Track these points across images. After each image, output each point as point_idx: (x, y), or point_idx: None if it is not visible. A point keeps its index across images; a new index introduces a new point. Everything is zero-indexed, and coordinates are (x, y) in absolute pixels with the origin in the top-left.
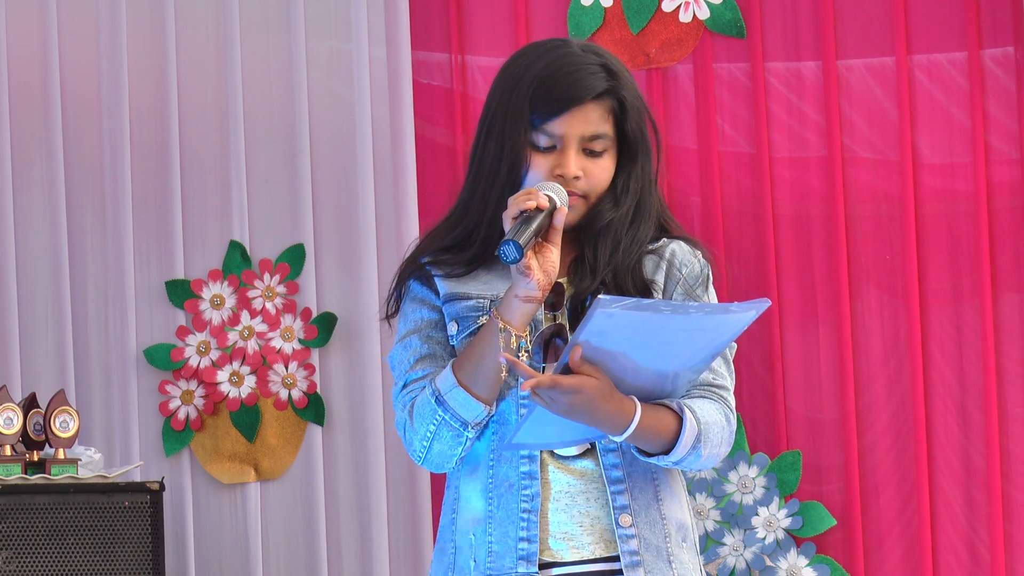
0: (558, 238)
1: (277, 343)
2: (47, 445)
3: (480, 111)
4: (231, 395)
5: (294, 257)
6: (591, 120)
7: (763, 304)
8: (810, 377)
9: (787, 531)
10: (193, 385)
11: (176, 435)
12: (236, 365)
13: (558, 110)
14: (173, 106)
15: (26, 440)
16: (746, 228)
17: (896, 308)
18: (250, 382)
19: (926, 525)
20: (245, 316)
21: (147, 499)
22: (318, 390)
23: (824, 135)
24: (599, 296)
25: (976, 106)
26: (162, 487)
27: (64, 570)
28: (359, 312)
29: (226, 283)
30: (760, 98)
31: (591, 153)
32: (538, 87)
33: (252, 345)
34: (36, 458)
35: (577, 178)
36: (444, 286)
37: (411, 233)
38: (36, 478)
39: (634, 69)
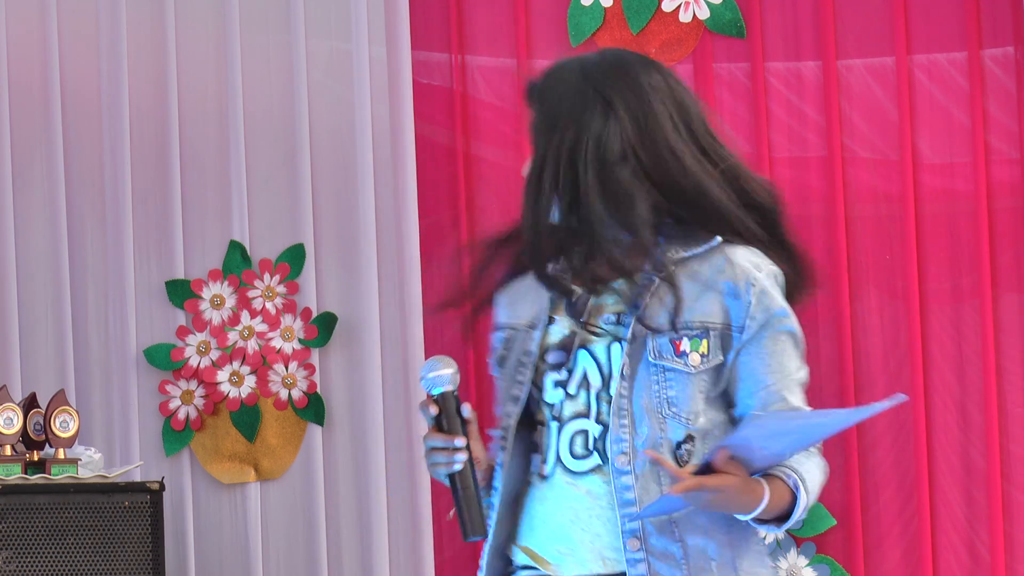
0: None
1: (277, 343)
2: (47, 445)
3: (481, 111)
4: (231, 395)
5: (294, 257)
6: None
7: (900, 398)
8: (810, 377)
9: (787, 531)
10: (193, 385)
11: (176, 435)
12: (236, 365)
13: None
14: (173, 106)
15: (26, 440)
16: None
17: (896, 308)
18: (250, 382)
19: (926, 525)
20: (245, 316)
21: (147, 499)
22: (318, 390)
23: (824, 135)
24: (754, 412)
25: (976, 106)
26: (162, 487)
27: (64, 570)
28: (359, 312)
29: (226, 283)
30: (760, 98)
31: None
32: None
33: (252, 345)
34: (36, 458)
35: None
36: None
37: (411, 233)
38: (36, 478)
39: None
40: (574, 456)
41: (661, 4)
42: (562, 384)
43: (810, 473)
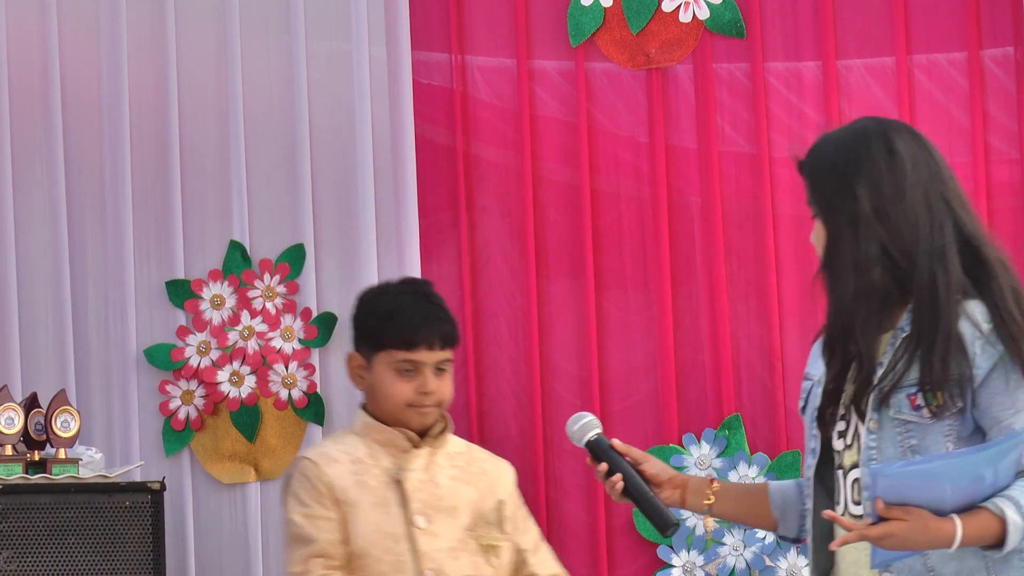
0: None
1: (277, 343)
2: (48, 445)
3: (481, 111)
4: (231, 395)
5: (294, 257)
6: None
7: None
8: None
9: None
10: (193, 385)
11: (176, 435)
12: (236, 365)
13: None
14: (173, 106)
15: (27, 440)
16: (746, 228)
17: None
18: (250, 382)
19: None
20: (245, 316)
21: (148, 499)
22: (318, 390)
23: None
24: (873, 467)
25: (976, 106)
26: (163, 487)
27: (65, 569)
28: None
29: (226, 283)
30: (760, 98)
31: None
32: None
33: (252, 345)
34: (37, 458)
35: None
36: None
37: (411, 233)
38: (37, 478)
39: (634, 69)
40: (854, 502)
41: (661, 4)
42: (843, 435)
43: (1021, 497)
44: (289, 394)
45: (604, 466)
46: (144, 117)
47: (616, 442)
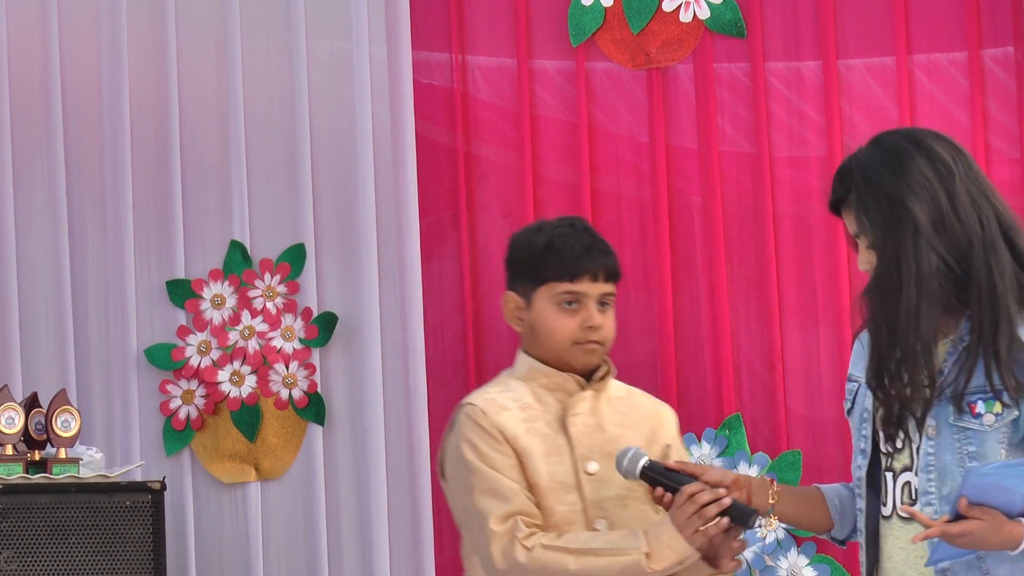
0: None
1: (278, 343)
2: (48, 444)
3: (481, 110)
4: (232, 395)
5: (295, 257)
6: (851, 223)
7: None
8: (810, 377)
9: (787, 531)
10: (194, 385)
11: (177, 435)
12: (237, 365)
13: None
14: (173, 106)
15: (27, 440)
16: (746, 228)
17: None
18: (251, 382)
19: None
20: (246, 316)
21: (148, 498)
22: (319, 390)
23: (824, 135)
24: (970, 467)
25: (976, 106)
26: (163, 486)
27: (65, 569)
28: (360, 312)
29: (227, 283)
30: (760, 98)
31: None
32: None
33: (253, 345)
34: (38, 457)
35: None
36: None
37: (412, 232)
38: (38, 477)
39: (634, 69)
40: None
41: (661, 4)
42: (892, 438)
43: None
44: (290, 394)
45: (659, 491)
46: (144, 117)
47: (671, 462)
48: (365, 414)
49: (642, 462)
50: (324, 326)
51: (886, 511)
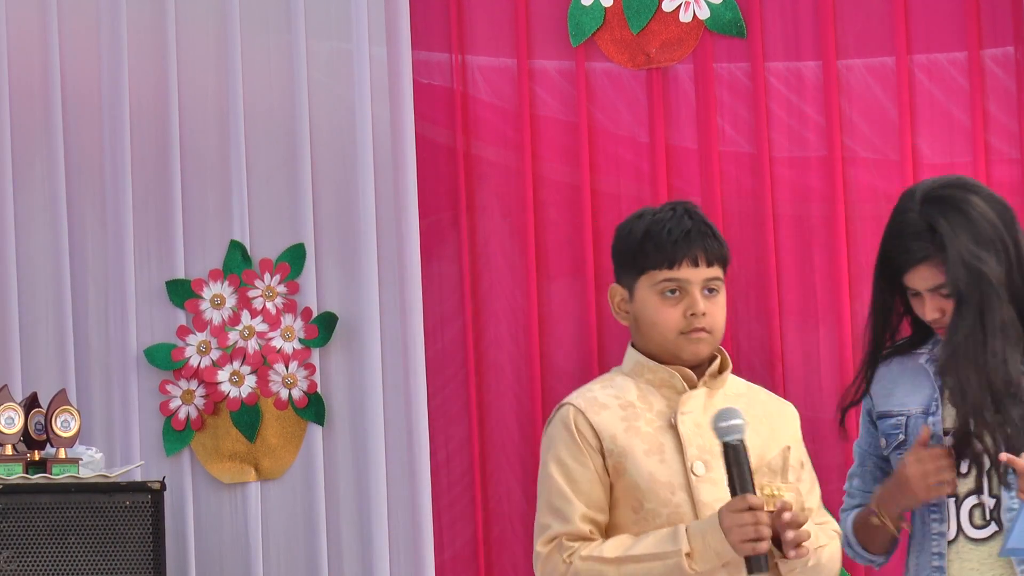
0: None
1: (277, 343)
2: (48, 445)
3: (481, 110)
4: (231, 395)
5: (294, 257)
6: (928, 277)
7: None
8: (810, 377)
9: None
10: (194, 385)
11: (177, 435)
12: (236, 365)
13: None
14: (173, 106)
15: (27, 440)
16: (746, 228)
17: None
18: (250, 382)
19: None
20: (245, 316)
21: (148, 499)
22: (318, 390)
23: (824, 135)
24: None
25: (976, 106)
26: (163, 487)
27: (65, 569)
28: (359, 312)
29: (226, 283)
30: (760, 98)
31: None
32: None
33: (252, 345)
34: (37, 457)
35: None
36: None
37: (411, 233)
38: (37, 478)
39: (634, 69)
40: (974, 526)
41: (661, 4)
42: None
43: None
44: (289, 394)
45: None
46: (144, 117)
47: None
48: (365, 414)
49: (730, 438)
50: (324, 326)
51: (950, 534)
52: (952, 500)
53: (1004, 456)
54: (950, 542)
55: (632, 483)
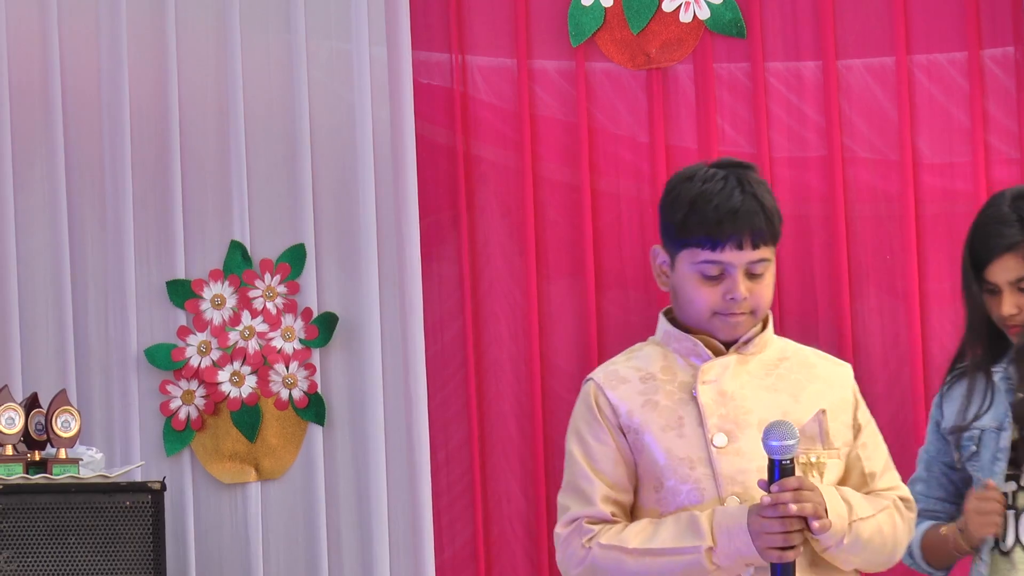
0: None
1: (278, 343)
2: (48, 445)
3: (481, 111)
4: (232, 395)
5: (295, 257)
6: (1012, 268)
7: None
8: None
9: None
10: (194, 385)
11: (177, 435)
12: (237, 365)
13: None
14: (173, 106)
15: (27, 440)
16: None
17: (896, 308)
18: (251, 382)
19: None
20: (246, 316)
21: (148, 499)
22: (319, 390)
23: (824, 135)
24: None
25: (976, 106)
26: (163, 487)
27: (65, 569)
28: (360, 312)
29: (227, 283)
30: (760, 98)
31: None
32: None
33: (253, 345)
34: (38, 458)
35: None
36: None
37: (411, 233)
38: (38, 478)
39: (634, 69)
40: None
41: (661, 4)
42: (1015, 478)
43: None
44: (290, 394)
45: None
46: (144, 117)
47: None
48: (365, 414)
49: (779, 456)
50: (324, 326)
51: (1005, 547)
52: (1011, 512)
53: None
54: (1005, 553)
55: (651, 460)
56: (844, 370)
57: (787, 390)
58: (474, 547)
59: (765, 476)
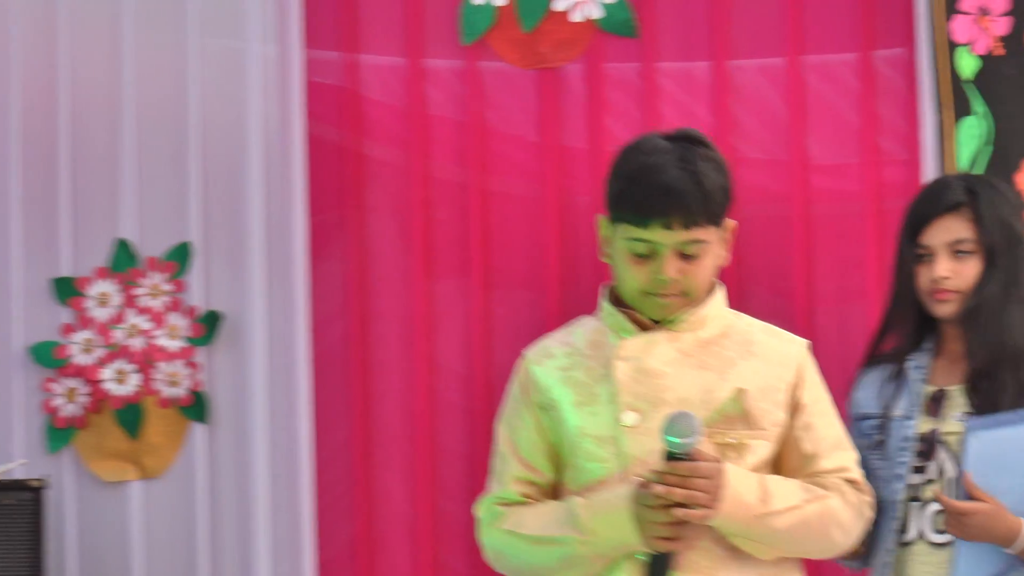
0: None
1: (163, 341)
2: None
3: (372, 109)
4: (115, 392)
5: (181, 255)
6: (952, 229)
7: None
8: None
9: None
10: (77, 383)
11: (59, 433)
12: (121, 363)
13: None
14: (63, 103)
15: None
16: None
17: (783, 308)
18: (135, 380)
19: None
20: (131, 314)
21: (29, 497)
22: (203, 388)
23: (714, 135)
24: (968, 421)
25: (867, 107)
26: (44, 485)
27: None
28: (246, 310)
29: (112, 281)
30: (651, 98)
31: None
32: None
33: (137, 343)
34: None
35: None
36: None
37: (299, 232)
38: None
39: (526, 68)
40: (936, 531)
41: (553, 3)
42: (921, 470)
43: None
44: (174, 392)
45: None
46: (33, 113)
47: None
48: (249, 413)
49: (677, 451)
50: (209, 325)
51: (908, 537)
52: (916, 504)
53: (935, 491)
54: (907, 544)
55: (566, 437)
56: (792, 347)
57: (716, 368)
58: (355, 547)
59: None
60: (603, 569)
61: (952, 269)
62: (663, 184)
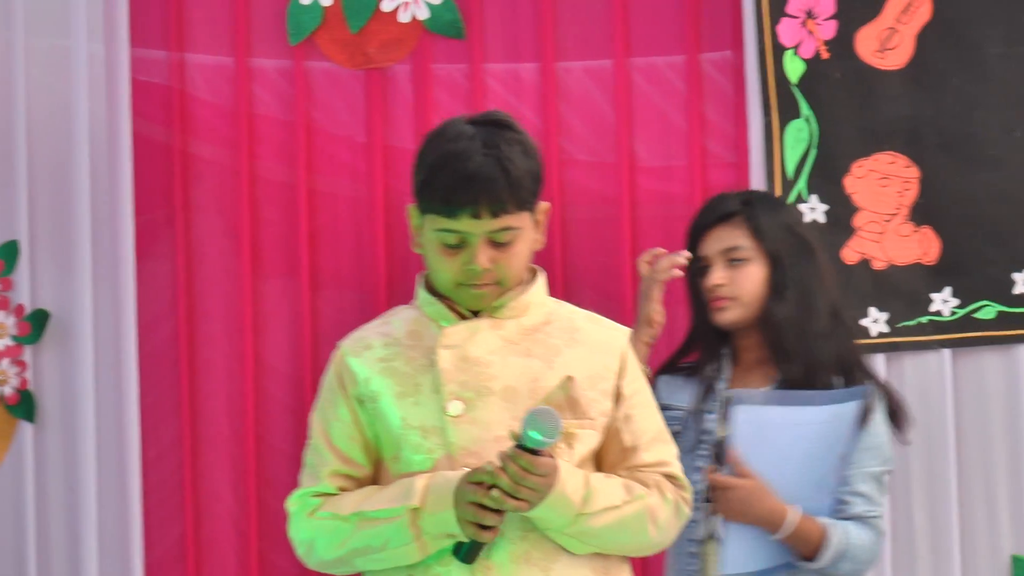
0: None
1: None
2: None
3: (199, 109)
4: None
5: (8, 253)
6: (726, 238)
7: (861, 391)
8: None
9: None
10: None
11: None
12: None
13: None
14: None
15: None
16: None
17: (610, 309)
18: None
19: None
20: None
21: None
22: (30, 387)
23: (542, 137)
24: (735, 394)
25: (693, 110)
26: None
27: None
28: (73, 309)
29: None
30: (478, 99)
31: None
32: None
33: None
34: None
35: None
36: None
37: (126, 231)
38: None
39: (353, 68)
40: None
41: (380, 4)
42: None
43: (851, 531)
44: (1, 391)
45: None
46: None
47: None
48: (76, 412)
49: (529, 441)
50: (36, 323)
51: (698, 535)
52: (708, 505)
53: (709, 469)
54: (702, 541)
55: (387, 428)
56: (615, 335)
57: (542, 355)
58: (183, 546)
59: (503, 448)
60: (419, 558)
61: (726, 276)
62: (468, 172)
